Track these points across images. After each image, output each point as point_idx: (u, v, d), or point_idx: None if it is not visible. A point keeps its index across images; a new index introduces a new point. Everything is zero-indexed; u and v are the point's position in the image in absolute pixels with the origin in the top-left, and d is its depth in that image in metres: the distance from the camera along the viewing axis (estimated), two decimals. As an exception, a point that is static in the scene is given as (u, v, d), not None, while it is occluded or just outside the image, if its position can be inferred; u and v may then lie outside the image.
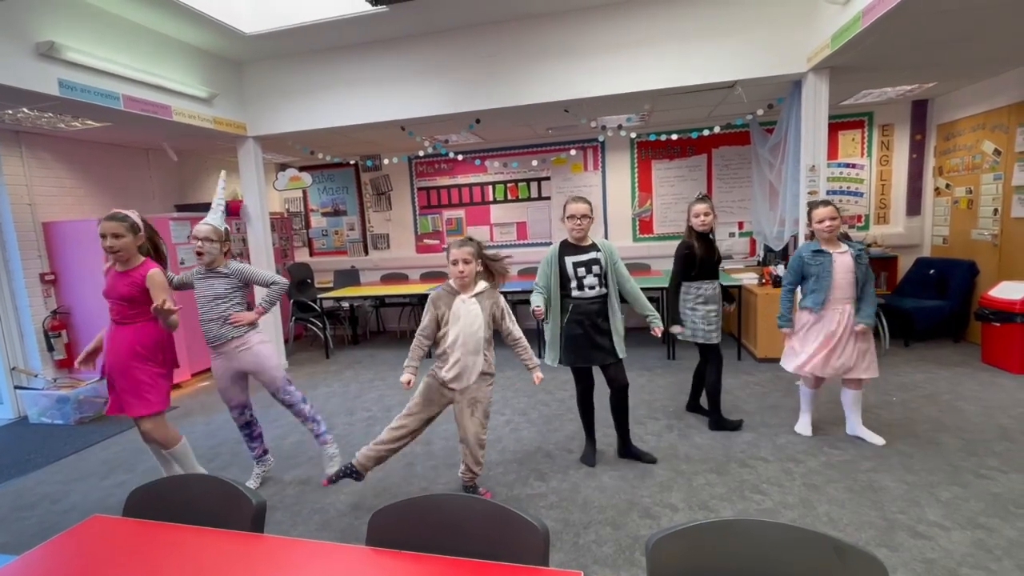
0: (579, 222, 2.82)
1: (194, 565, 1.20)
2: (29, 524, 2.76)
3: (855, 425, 3.16)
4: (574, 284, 2.87)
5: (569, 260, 2.87)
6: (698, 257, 3.30)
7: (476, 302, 2.53)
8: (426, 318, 2.57)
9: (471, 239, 2.58)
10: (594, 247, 2.89)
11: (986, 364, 4.33)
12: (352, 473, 2.63)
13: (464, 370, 2.53)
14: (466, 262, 2.50)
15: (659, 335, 2.93)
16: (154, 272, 2.57)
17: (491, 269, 2.65)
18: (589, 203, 2.86)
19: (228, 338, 2.78)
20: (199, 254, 2.74)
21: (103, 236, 2.52)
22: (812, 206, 3.14)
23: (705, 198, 3.37)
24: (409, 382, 2.47)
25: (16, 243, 4.44)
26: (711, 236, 3.39)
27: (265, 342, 2.89)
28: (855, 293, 3.00)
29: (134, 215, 2.63)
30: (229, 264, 2.82)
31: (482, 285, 2.59)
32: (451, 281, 2.59)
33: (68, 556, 1.27)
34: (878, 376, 3.06)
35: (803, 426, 3.28)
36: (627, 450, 3.08)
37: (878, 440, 3.05)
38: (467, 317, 2.51)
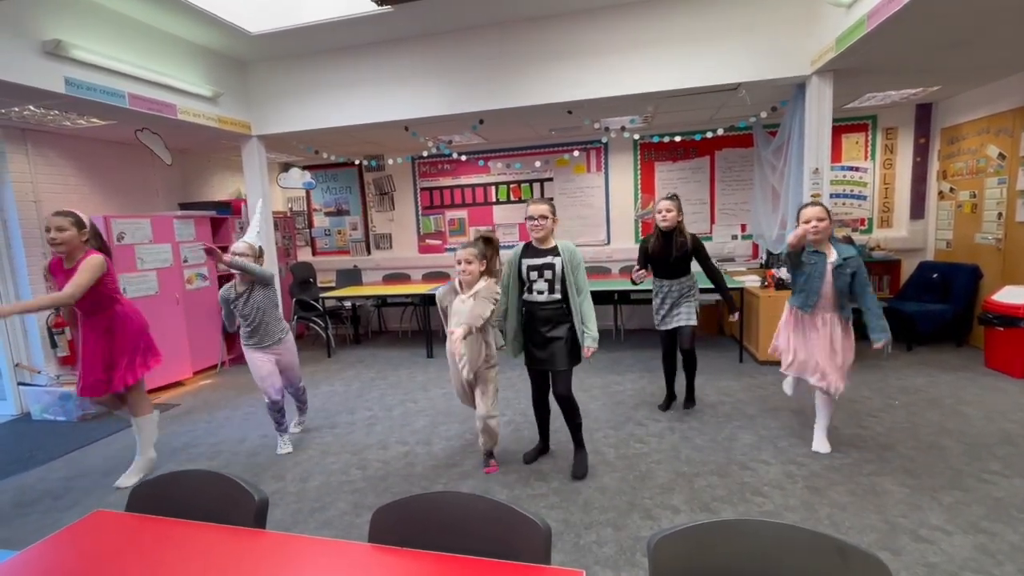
0: (536, 222, 2.72)
1: (196, 561, 1.20)
2: (31, 520, 2.76)
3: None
4: (526, 287, 2.82)
5: (525, 263, 2.80)
6: (649, 253, 3.49)
7: (472, 300, 2.71)
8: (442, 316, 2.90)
9: (485, 238, 2.78)
10: (554, 251, 2.76)
11: (989, 369, 4.31)
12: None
13: (471, 362, 2.77)
14: (468, 262, 2.71)
15: (588, 356, 2.73)
16: (92, 256, 2.76)
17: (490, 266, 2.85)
18: (549, 203, 2.75)
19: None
20: None
21: (47, 230, 2.73)
22: (803, 206, 3.03)
23: (672, 196, 3.46)
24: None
25: (21, 239, 4.46)
26: (677, 234, 3.41)
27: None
28: (838, 302, 2.87)
29: (82, 215, 2.87)
30: None
31: (481, 284, 2.73)
32: (455, 281, 2.80)
33: (70, 551, 1.27)
34: (841, 390, 2.92)
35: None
36: (576, 465, 2.93)
37: (823, 447, 3.00)
38: (459, 316, 2.72)
